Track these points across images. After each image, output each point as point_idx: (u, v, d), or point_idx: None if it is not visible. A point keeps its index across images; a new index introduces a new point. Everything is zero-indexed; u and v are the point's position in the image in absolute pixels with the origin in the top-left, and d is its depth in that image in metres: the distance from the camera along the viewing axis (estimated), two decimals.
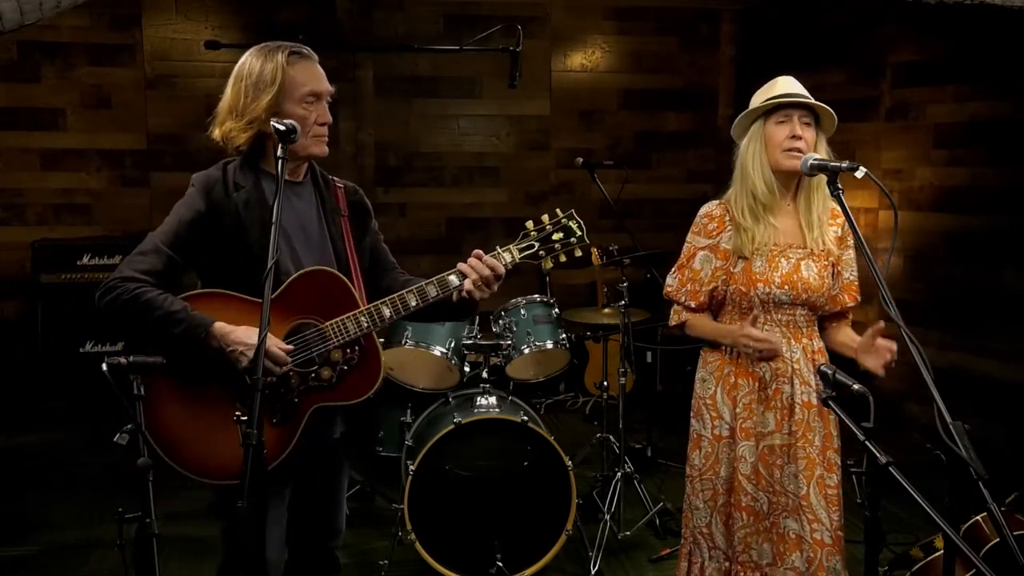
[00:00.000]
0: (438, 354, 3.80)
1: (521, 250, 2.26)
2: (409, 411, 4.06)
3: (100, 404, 4.58)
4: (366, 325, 2.17)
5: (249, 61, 2.17)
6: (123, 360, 1.94)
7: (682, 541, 2.65)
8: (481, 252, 2.21)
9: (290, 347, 2.11)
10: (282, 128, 2.01)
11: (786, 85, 2.48)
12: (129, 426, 1.99)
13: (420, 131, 6.36)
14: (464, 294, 2.20)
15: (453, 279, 2.21)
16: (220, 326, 2.07)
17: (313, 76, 2.19)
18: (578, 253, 2.28)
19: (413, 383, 4.00)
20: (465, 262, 2.21)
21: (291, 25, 5.79)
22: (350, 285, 2.21)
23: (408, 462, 3.51)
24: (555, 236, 2.27)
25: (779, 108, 2.44)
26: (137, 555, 1.92)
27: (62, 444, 5.06)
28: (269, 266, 1.91)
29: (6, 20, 3.11)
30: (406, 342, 3.80)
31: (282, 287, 2.14)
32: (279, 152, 2.02)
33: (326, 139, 2.23)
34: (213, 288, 2.17)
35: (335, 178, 2.38)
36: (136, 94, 5.94)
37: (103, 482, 4.37)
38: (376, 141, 6.26)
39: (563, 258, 2.29)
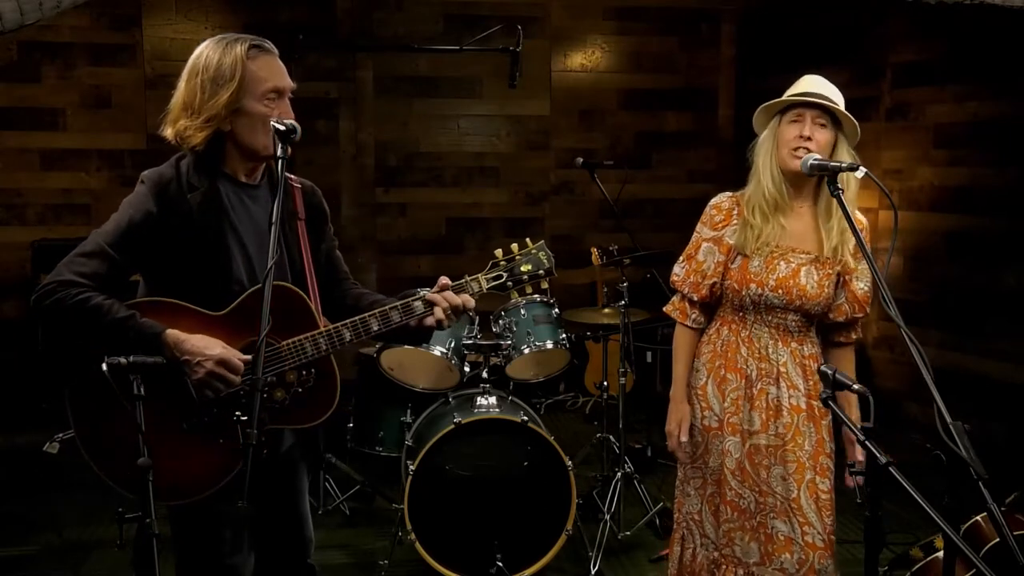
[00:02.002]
0: (438, 354, 3.80)
1: (489, 280, 2.19)
2: (409, 411, 4.06)
3: None
4: (324, 348, 2.05)
5: (206, 54, 2.02)
6: (123, 360, 1.91)
7: (675, 525, 2.64)
8: (448, 281, 2.14)
9: (247, 357, 1.98)
10: (282, 128, 1.94)
11: (808, 84, 2.41)
12: (60, 435, 1.95)
13: (420, 131, 6.36)
14: (431, 324, 2.12)
15: (418, 305, 2.11)
16: (173, 334, 1.94)
17: (275, 71, 2.04)
18: (544, 285, 2.24)
19: (413, 383, 4.00)
20: (442, 281, 2.14)
21: (291, 25, 5.80)
22: (309, 302, 2.09)
23: (408, 462, 3.51)
24: (524, 267, 2.20)
25: (794, 106, 2.38)
26: (137, 555, 1.91)
27: (62, 444, 5.05)
28: (269, 266, 1.85)
29: (6, 20, 3.11)
30: None
31: (237, 301, 2.02)
32: (279, 152, 1.95)
33: None
34: (158, 291, 2.04)
35: (292, 176, 2.22)
36: (136, 94, 5.94)
37: (103, 482, 4.36)
38: (376, 141, 6.26)
39: (529, 289, 2.24)
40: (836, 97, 2.38)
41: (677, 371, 2.59)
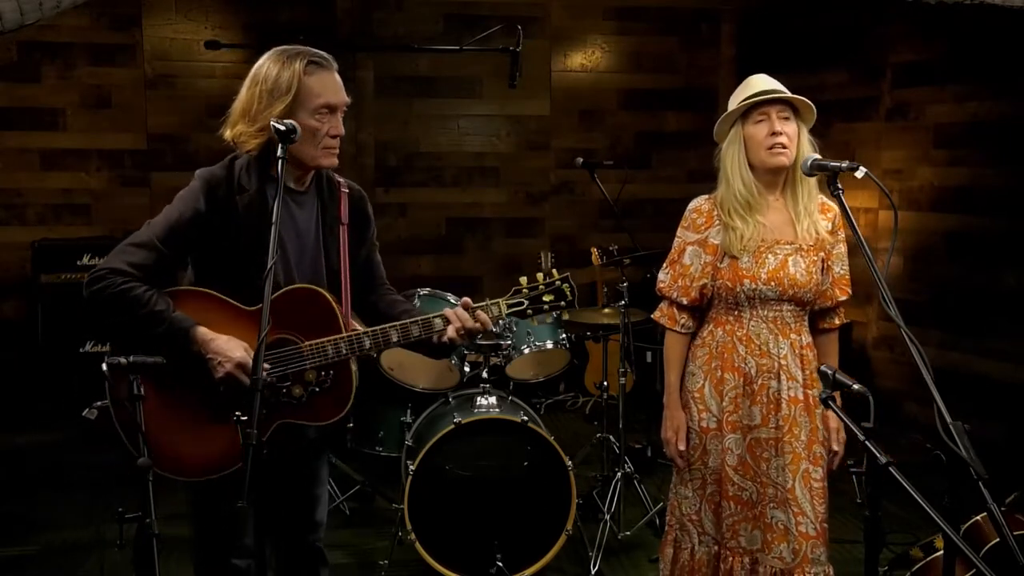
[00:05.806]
0: None
1: (510, 306, 2.28)
2: (409, 411, 4.06)
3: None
4: (344, 352, 2.16)
5: (267, 65, 2.14)
6: (123, 360, 1.94)
7: (667, 528, 2.67)
8: (470, 302, 2.23)
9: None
10: (282, 128, 2.00)
11: (760, 83, 2.49)
12: (98, 402, 2.04)
13: (420, 131, 6.36)
14: (445, 340, 2.21)
15: (438, 323, 2.21)
16: (202, 332, 2.08)
17: (329, 87, 2.15)
18: (565, 316, 2.34)
19: (413, 383, 4.00)
20: (459, 297, 2.25)
21: (291, 25, 5.80)
22: (335, 306, 2.19)
23: (408, 462, 3.51)
24: (545, 297, 2.29)
25: (755, 107, 2.45)
26: (137, 555, 1.92)
27: (62, 444, 5.05)
28: (269, 267, 1.90)
29: (6, 20, 3.11)
30: None
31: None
32: (279, 152, 2.00)
33: (336, 151, 2.19)
34: (202, 281, 2.17)
35: (341, 181, 2.34)
36: (136, 94, 5.94)
37: (103, 482, 4.36)
38: (376, 141, 6.26)
39: (548, 319, 2.34)
40: (785, 89, 2.47)
41: (670, 378, 2.62)
